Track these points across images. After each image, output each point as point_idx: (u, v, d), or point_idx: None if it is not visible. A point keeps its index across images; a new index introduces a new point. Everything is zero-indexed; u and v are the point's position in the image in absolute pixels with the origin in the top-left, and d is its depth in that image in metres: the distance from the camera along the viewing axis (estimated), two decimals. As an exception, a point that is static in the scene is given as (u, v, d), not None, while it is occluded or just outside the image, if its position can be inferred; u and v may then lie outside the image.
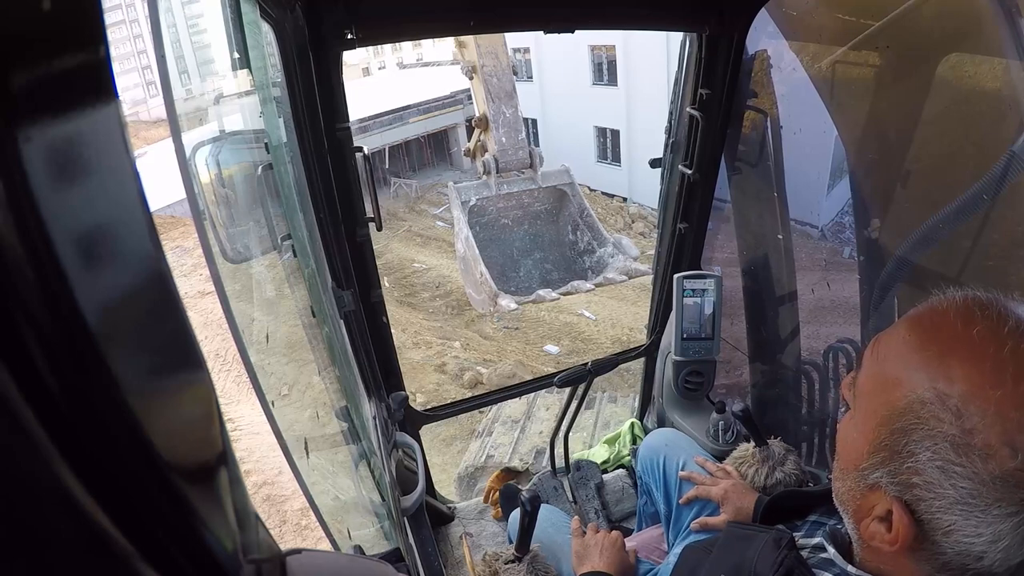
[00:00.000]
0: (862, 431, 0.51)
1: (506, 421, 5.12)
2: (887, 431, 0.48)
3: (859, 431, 0.52)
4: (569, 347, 8.79)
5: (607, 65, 13.66)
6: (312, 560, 0.36)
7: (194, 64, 26.10)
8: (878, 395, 0.50)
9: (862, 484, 0.51)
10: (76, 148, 0.17)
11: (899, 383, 0.48)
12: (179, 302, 0.22)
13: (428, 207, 15.13)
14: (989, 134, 1.17)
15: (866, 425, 0.51)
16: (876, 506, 0.50)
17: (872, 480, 0.50)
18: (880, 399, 0.49)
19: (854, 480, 0.52)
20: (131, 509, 0.18)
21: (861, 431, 0.51)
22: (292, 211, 0.97)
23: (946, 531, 0.46)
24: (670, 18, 1.51)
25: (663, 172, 1.79)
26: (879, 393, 0.50)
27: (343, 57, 1.24)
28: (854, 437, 0.52)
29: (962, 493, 0.44)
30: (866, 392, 0.52)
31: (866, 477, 0.50)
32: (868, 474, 0.50)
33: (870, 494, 0.51)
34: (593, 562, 1.16)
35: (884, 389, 0.49)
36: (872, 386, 0.51)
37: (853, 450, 0.52)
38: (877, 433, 0.49)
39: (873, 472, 0.50)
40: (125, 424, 0.18)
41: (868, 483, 0.50)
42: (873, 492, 0.50)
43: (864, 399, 0.52)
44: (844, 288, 1.66)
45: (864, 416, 0.51)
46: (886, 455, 0.48)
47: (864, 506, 0.52)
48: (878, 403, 0.49)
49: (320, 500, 1.09)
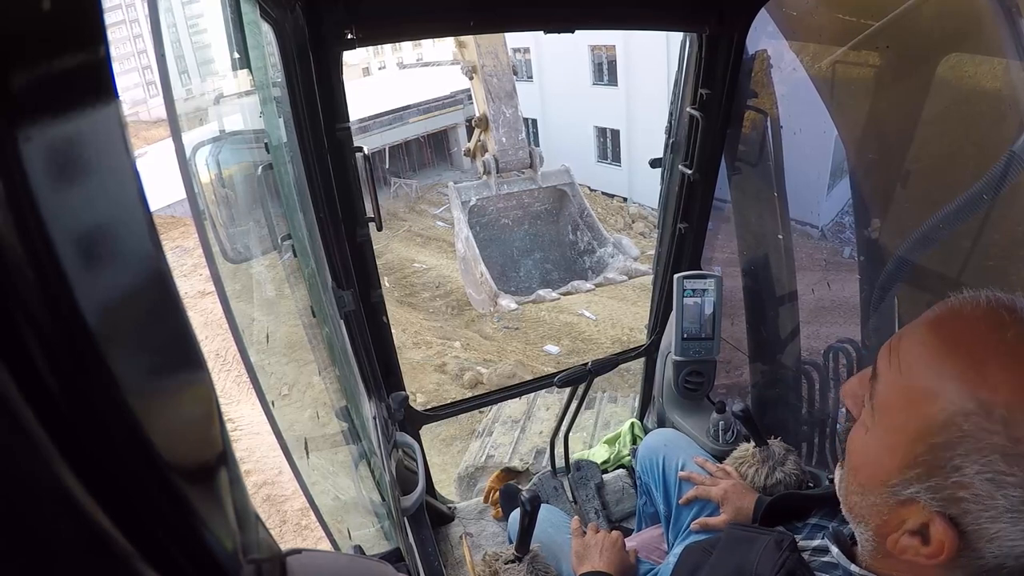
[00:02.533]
0: (888, 446, 0.49)
1: (506, 421, 5.12)
2: (924, 446, 0.46)
3: (884, 446, 0.50)
4: (569, 347, 8.79)
5: (607, 65, 13.66)
6: (312, 560, 0.36)
7: (194, 64, 26.07)
8: (907, 409, 0.48)
9: (891, 500, 0.49)
10: (76, 148, 0.17)
11: (933, 395, 0.45)
12: (179, 302, 0.22)
13: (428, 207, 15.13)
14: (989, 134, 1.17)
15: (894, 440, 0.49)
16: (908, 520, 0.48)
17: (906, 496, 0.48)
18: (910, 413, 0.47)
19: (879, 496, 0.50)
20: (131, 509, 0.18)
21: (887, 446, 0.49)
22: (292, 211, 0.97)
23: (991, 539, 0.45)
24: (670, 18, 1.51)
25: (663, 172, 1.80)
26: (909, 407, 0.47)
27: (343, 57, 1.24)
28: (877, 452, 0.50)
29: (1013, 502, 0.43)
30: (890, 405, 0.50)
31: (897, 493, 0.49)
32: (900, 490, 0.48)
33: (901, 509, 0.49)
34: (593, 562, 1.16)
35: (914, 402, 0.47)
36: (898, 399, 0.49)
37: (877, 466, 0.50)
38: (911, 448, 0.47)
39: (907, 488, 0.48)
40: (125, 424, 0.18)
41: (900, 499, 0.49)
42: (905, 507, 0.49)
43: (888, 413, 0.50)
44: (844, 288, 1.66)
45: (890, 431, 0.49)
46: (923, 471, 0.46)
47: (892, 521, 0.50)
48: (908, 417, 0.47)
49: (320, 500, 1.09)
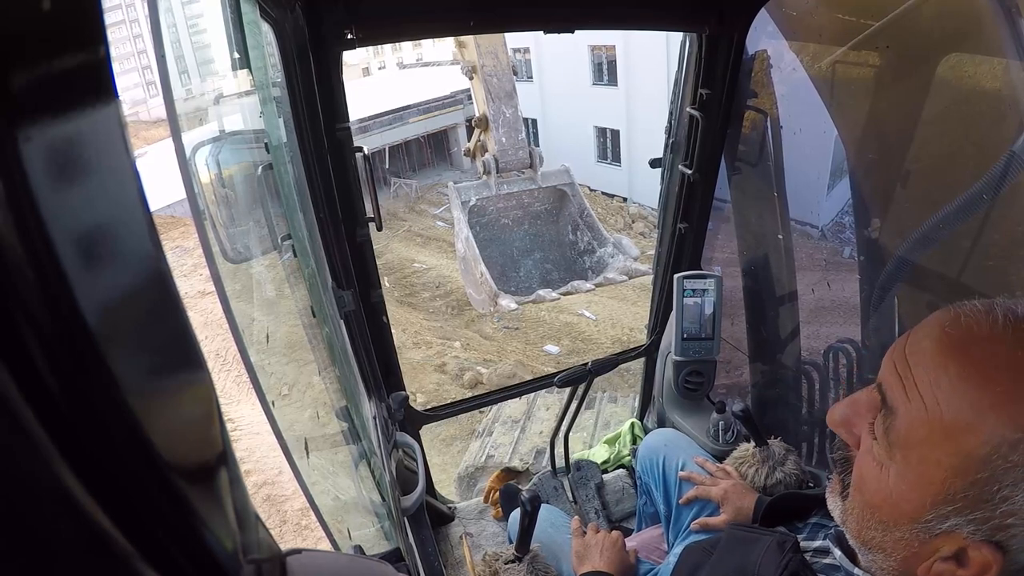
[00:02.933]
0: (917, 483, 0.48)
1: (506, 421, 5.12)
2: (964, 482, 0.45)
3: (911, 484, 0.48)
4: (569, 347, 8.79)
5: (607, 65, 13.66)
6: (312, 560, 0.36)
7: (194, 64, 26.06)
8: (941, 444, 0.46)
9: (924, 535, 0.48)
10: (76, 148, 0.17)
11: (971, 428, 0.44)
12: (179, 302, 0.22)
13: (428, 207, 15.13)
14: (989, 134, 1.17)
15: (925, 477, 0.47)
16: (942, 548, 0.48)
17: (942, 529, 0.47)
18: (946, 449, 0.46)
19: (909, 532, 0.49)
20: (131, 509, 0.18)
21: (915, 483, 0.48)
22: (292, 211, 0.97)
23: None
24: (670, 18, 1.51)
25: (663, 172, 1.80)
26: (942, 442, 0.46)
27: (343, 57, 1.24)
28: (902, 490, 0.49)
29: None
30: (916, 441, 0.48)
31: (931, 528, 0.48)
32: (935, 525, 0.47)
33: (934, 540, 0.48)
34: (593, 562, 1.16)
35: (949, 437, 0.45)
36: (927, 435, 0.47)
37: (904, 503, 0.49)
38: (948, 485, 0.46)
39: (943, 522, 0.47)
40: (125, 424, 0.18)
41: (934, 533, 0.48)
42: (939, 538, 0.48)
43: (914, 449, 0.48)
44: (844, 288, 1.66)
45: (918, 466, 0.48)
46: (964, 504, 0.45)
47: (924, 552, 0.49)
48: (942, 452, 0.46)
49: (320, 500, 1.09)
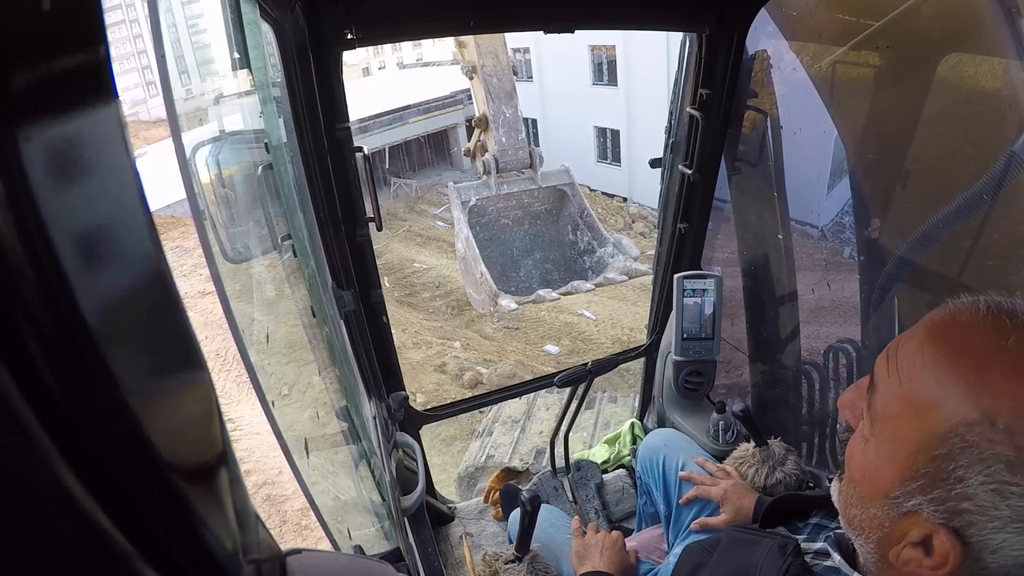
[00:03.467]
0: (889, 458, 0.49)
1: (506, 421, 5.12)
2: (926, 457, 0.45)
3: (884, 458, 0.49)
4: (569, 347, 8.79)
5: (607, 65, 13.66)
6: (312, 560, 0.36)
7: (194, 64, 26.06)
8: (909, 419, 0.47)
9: (893, 512, 0.49)
10: (76, 148, 0.17)
11: (935, 405, 0.45)
12: (179, 302, 0.22)
13: (428, 207, 15.13)
14: (989, 134, 1.17)
15: (895, 451, 0.48)
16: (910, 532, 0.48)
17: (908, 508, 0.47)
18: (912, 424, 0.46)
19: (881, 509, 0.50)
20: (131, 509, 0.18)
21: (887, 458, 0.49)
22: (292, 211, 0.97)
23: (995, 549, 0.44)
24: (670, 18, 1.51)
25: (663, 172, 1.80)
26: (909, 417, 0.47)
27: (343, 57, 1.24)
28: (877, 464, 0.50)
29: (1018, 512, 0.42)
30: (890, 415, 0.49)
31: (899, 506, 0.48)
32: (902, 502, 0.48)
33: (902, 521, 0.48)
34: (594, 562, 1.16)
35: (916, 412, 0.46)
36: (899, 409, 0.48)
37: (878, 478, 0.50)
38: (912, 460, 0.46)
39: (909, 500, 0.47)
40: (125, 424, 0.18)
41: (902, 511, 0.48)
42: (907, 519, 0.48)
43: (888, 423, 0.49)
44: (844, 288, 1.66)
45: (890, 442, 0.49)
46: (926, 482, 0.46)
47: (894, 533, 0.49)
48: (909, 427, 0.47)
49: (320, 500, 1.09)
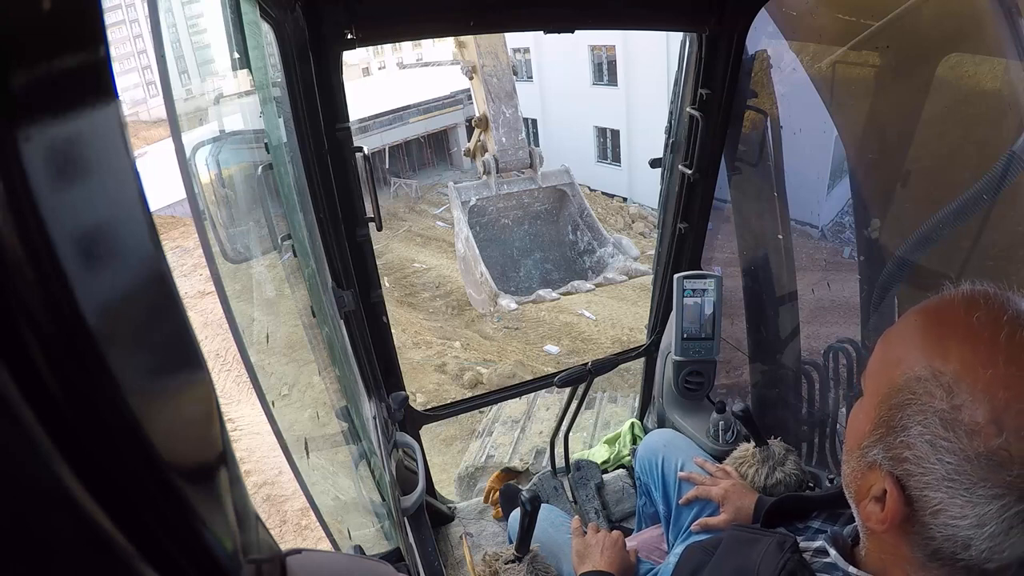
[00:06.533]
0: (866, 410, 0.53)
1: (506, 421, 5.11)
2: (886, 407, 0.50)
3: (864, 411, 0.54)
4: (569, 347, 8.79)
5: (607, 65, 13.65)
6: (312, 560, 0.36)
7: (194, 64, 26.01)
8: (881, 374, 0.52)
9: (862, 463, 0.53)
10: (76, 148, 0.17)
11: (900, 361, 0.50)
12: (179, 302, 0.22)
13: (428, 207, 15.12)
14: (989, 134, 1.17)
15: (870, 404, 0.53)
16: (873, 486, 0.52)
17: (871, 458, 0.52)
18: (882, 378, 0.52)
19: (856, 460, 0.54)
20: (131, 509, 0.18)
21: (865, 410, 0.54)
22: (292, 211, 0.97)
23: (934, 511, 0.47)
24: (670, 18, 1.51)
25: (663, 172, 1.79)
26: (882, 372, 0.52)
27: (343, 57, 1.24)
28: (860, 417, 0.55)
29: (948, 469, 0.45)
30: (872, 373, 0.54)
31: (866, 455, 0.52)
32: (867, 452, 0.52)
33: (869, 473, 0.52)
34: (594, 561, 1.16)
35: (886, 368, 0.52)
36: (877, 367, 0.54)
37: (857, 429, 0.54)
38: (878, 410, 0.51)
39: (872, 449, 0.52)
40: (125, 424, 0.18)
41: (867, 461, 0.52)
42: (871, 471, 0.52)
43: (870, 380, 0.54)
44: (844, 288, 1.66)
45: (869, 396, 0.54)
46: (883, 431, 0.50)
47: (863, 487, 0.53)
48: (880, 382, 0.52)
49: (320, 500, 1.09)
